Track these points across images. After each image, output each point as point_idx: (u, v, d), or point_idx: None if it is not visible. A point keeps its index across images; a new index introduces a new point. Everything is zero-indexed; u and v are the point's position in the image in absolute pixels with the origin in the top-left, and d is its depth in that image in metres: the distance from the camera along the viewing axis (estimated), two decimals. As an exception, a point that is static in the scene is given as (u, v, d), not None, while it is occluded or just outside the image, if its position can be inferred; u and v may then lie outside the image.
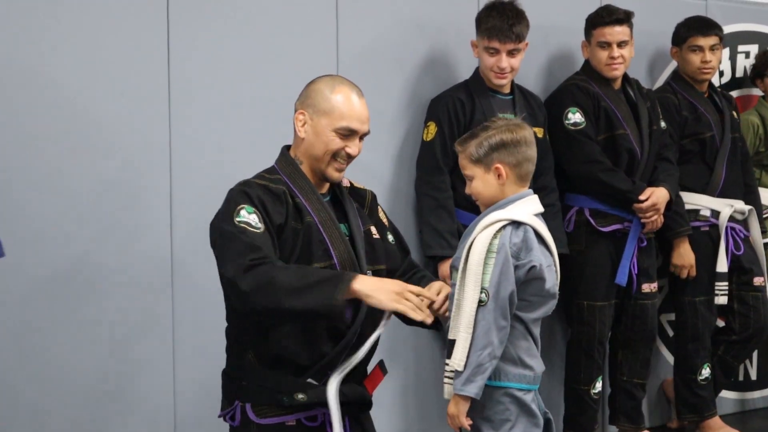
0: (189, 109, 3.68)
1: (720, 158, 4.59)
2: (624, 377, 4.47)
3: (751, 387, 5.16)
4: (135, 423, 3.62)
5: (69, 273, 3.49)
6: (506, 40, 3.98)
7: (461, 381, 2.65)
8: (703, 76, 4.60)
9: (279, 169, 2.88)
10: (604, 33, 4.29)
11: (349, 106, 2.83)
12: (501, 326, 2.65)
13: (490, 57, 4.03)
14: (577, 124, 4.29)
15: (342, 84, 2.87)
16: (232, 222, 2.68)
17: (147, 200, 3.63)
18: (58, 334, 3.48)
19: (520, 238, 2.69)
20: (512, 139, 2.75)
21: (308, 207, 2.80)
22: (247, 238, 2.65)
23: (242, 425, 2.78)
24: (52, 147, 3.46)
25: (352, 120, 2.83)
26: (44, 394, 3.46)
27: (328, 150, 2.82)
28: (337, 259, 2.78)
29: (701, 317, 4.59)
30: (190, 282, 3.69)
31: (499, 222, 2.70)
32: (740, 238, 4.63)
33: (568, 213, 4.35)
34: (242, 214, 2.69)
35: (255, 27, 3.82)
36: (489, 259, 2.67)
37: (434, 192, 4.03)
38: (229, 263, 2.64)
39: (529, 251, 2.69)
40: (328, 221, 2.81)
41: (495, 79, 4.06)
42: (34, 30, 3.43)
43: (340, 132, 2.82)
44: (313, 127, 2.84)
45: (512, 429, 2.72)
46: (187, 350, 3.70)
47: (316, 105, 2.84)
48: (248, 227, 2.67)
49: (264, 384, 2.76)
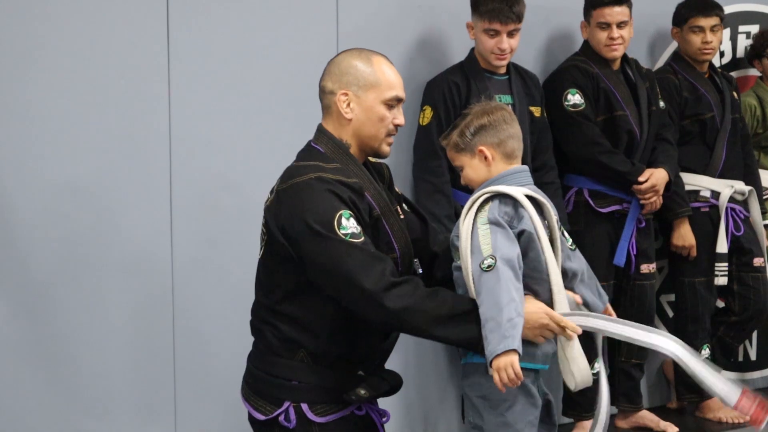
0: (188, 95, 3.66)
1: (720, 139, 4.58)
2: (622, 358, 4.48)
3: (751, 367, 5.16)
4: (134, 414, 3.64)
5: (66, 271, 3.49)
6: (507, 21, 3.97)
7: (496, 340, 2.52)
8: (703, 57, 4.58)
9: (327, 153, 2.73)
10: (603, 14, 4.28)
11: (391, 75, 2.75)
12: (516, 286, 2.59)
13: (490, 39, 4.01)
14: (577, 106, 4.28)
15: (374, 54, 2.77)
16: (334, 230, 2.57)
17: (146, 194, 3.61)
18: (56, 331, 3.49)
19: (510, 206, 2.69)
20: (489, 120, 2.76)
21: (370, 197, 2.71)
22: (365, 247, 2.58)
23: (301, 426, 2.71)
24: (50, 144, 3.45)
25: (398, 88, 2.75)
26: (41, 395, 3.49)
27: (383, 124, 2.73)
28: (399, 251, 2.74)
29: (701, 298, 4.60)
30: (190, 286, 3.69)
31: (484, 194, 2.71)
32: (740, 219, 4.62)
33: (568, 193, 4.35)
34: (344, 224, 2.59)
35: (253, 12, 3.80)
36: (484, 230, 2.65)
37: (431, 177, 4.02)
38: (362, 277, 2.55)
39: (520, 219, 2.69)
40: (388, 211, 2.74)
41: (495, 61, 4.04)
42: (32, 23, 3.42)
43: (388, 103, 2.72)
44: (360, 105, 2.72)
45: (510, 408, 2.70)
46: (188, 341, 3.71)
47: (359, 81, 2.72)
48: (356, 238, 2.58)
49: (322, 383, 2.72)
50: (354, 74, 2.72)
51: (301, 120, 3.25)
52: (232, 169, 3.73)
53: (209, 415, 3.73)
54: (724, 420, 4.64)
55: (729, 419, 4.63)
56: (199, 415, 3.72)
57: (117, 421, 3.59)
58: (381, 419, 2.84)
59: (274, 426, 2.75)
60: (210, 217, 3.71)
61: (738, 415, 4.63)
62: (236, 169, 3.73)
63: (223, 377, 3.68)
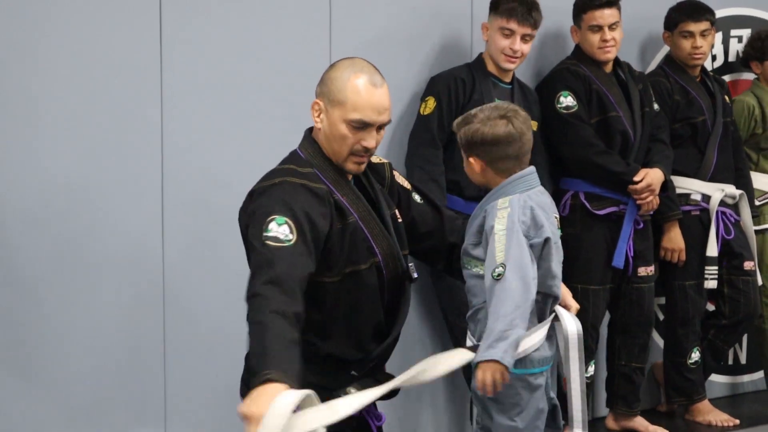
0: (180, 94, 3.66)
1: (711, 143, 4.59)
2: (622, 362, 4.47)
3: (741, 371, 5.18)
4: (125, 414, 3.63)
5: (56, 268, 3.48)
6: (524, 22, 4.00)
7: (483, 348, 2.57)
8: (694, 62, 4.59)
9: (307, 158, 2.70)
10: (594, 16, 4.29)
11: (364, 96, 2.62)
12: (524, 298, 2.59)
13: (504, 38, 4.03)
14: (570, 108, 4.29)
15: (360, 71, 2.65)
16: (259, 236, 2.53)
17: (138, 192, 3.60)
18: (45, 329, 3.48)
19: (528, 216, 2.69)
20: (484, 136, 2.74)
21: (346, 203, 2.67)
22: (267, 253, 2.51)
23: None
24: (41, 142, 3.45)
25: (365, 111, 2.62)
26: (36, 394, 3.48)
27: (345, 143, 2.64)
28: (381, 255, 2.70)
29: (691, 301, 4.60)
30: (181, 284, 3.68)
31: (501, 203, 2.72)
32: (731, 223, 4.63)
33: (563, 197, 4.35)
34: (271, 228, 2.53)
35: (246, 11, 3.80)
36: (500, 235, 2.65)
37: (426, 165, 4.00)
38: (251, 277, 2.52)
39: (539, 228, 2.69)
40: (367, 216, 2.70)
41: (504, 62, 4.05)
42: (25, 20, 3.41)
43: (351, 124, 2.63)
44: (328, 118, 2.66)
45: (521, 414, 2.72)
46: (180, 348, 3.70)
47: (330, 94, 2.65)
48: (273, 242, 2.51)
49: (313, 381, 2.63)
50: (329, 86, 2.67)
51: (292, 118, 3.27)
52: (223, 168, 3.73)
53: (200, 414, 3.72)
54: (714, 423, 4.64)
55: (719, 422, 4.64)
56: (190, 414, 3.71)
57: (107, 420, 3.57)
58: (376, 422, 2.83)
59: None
60: (201, 215, 3.70)
61: (728, 418, 4.64)
62: (227, 168, 3.73)
63: (214, 376, 3.68)
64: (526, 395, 2.71)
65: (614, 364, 4.50)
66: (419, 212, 2.90)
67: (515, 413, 2.72)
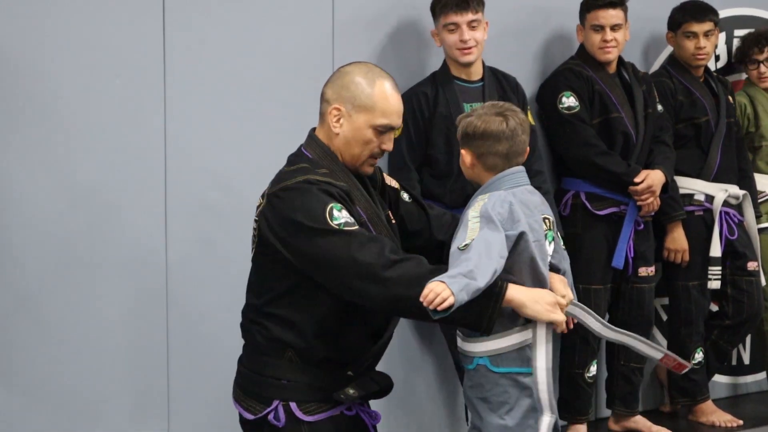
0: (184, 95, 3.65)
1: (715, 143, 4.59)
2: (621, 362, 4.46)
3: (744, 371, 5.17)
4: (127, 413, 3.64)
5: (60, 270, 3.48)
6: (461, 10, 3.93)
7: (441, 276, 2.48)
8: (697, 62, 4.59)
9: (315, 159, 2.74)
10: (597, 16, 4.29)
11: (390, 102, 2.73)
12: (485, 258, 2.52)
13: (451, 34, 3.97)
14: (571, 108, 4.29)
15: (380, 76, 2.75)
16: (327, 226, 2.56)
17: (141, 194, 3.60)
18: (49, 330, 3.48)
19: (506, 209, 2.67)
20: (476, 129, 2.75)
21: (357, 206, 2.71)
22: (360, 232, 2.58)
23: (290, 424, 2.71)
24: (45, 144, 3.45)
25: (392, 116, 2.73)
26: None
27: (368, 147, 2.73)
28: None
29: (694, 302, 4.60)
30: (184, 286, 3.69)
31: (483, 198, 2.72)
32: (734, 223, 4.63)
33: (564, 197, 4.36)
34: (336, 215, 2.59)
35: (249, 12, 3.80)
36: (474, 223, 2.63)
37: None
38: (361, 255, 2.54)
39: (515, 222, 2.66)
40: (375, 217, 2.74)
41: (461, 57, 3.98)
42: (27, 21, 3.41)
43: (378, 129, 2.72)
44: (350, 123, 2.72)
45: (510, 412, 2.70)
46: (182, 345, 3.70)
47: (355, 99, 2.71)
48: (350, 226, 2.58)
49: (311, 382, 2.72)
50: (353, 92, 2.72)
51: (295, 120, 3.27)
52: (226, 169, 3.73)
53: (203, 415, 3.73)
54: (717, 424, 4.63)
55: (722, 423, 4.63)
56: (193, 415, 3.71)
57: (110, 421, 3.58)
58: (372, 421, 2.84)
59: (263, 425, 2.75)
60: (204, 216, 3.70)
61: (732, 419, 4.64)
62: (231, 169, 3.73)
63: (216, 377, 3.67)
64: (515, 393, 2.68)
65: (614, 364, 4.50)
66: (407, 211, 2.93)
67: (504, 411, 2.70)
